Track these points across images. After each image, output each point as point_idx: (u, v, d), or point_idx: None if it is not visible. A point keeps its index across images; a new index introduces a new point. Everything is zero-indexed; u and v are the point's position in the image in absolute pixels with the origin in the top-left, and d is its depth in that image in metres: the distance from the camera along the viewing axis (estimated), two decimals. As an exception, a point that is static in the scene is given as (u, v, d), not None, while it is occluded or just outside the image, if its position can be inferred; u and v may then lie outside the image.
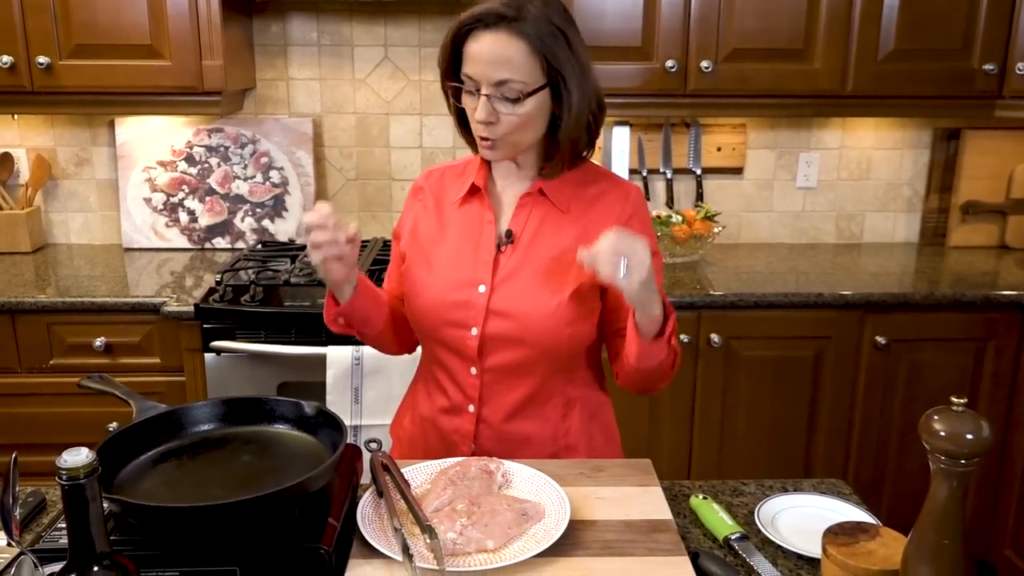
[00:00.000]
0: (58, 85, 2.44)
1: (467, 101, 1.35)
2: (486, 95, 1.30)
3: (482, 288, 1.39)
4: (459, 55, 1.33)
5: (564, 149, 1.37)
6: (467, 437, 1.45)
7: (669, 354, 1.36)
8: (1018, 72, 2.49)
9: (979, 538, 2.59)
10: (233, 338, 2.25)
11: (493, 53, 1.28)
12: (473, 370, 1.42)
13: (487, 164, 1.46)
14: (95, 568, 0.82)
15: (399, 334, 1.56)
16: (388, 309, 1.50)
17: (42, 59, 2.40)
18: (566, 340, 1.39)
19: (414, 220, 1.50)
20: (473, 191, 1.45)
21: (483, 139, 1.35)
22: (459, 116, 1.42)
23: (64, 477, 0.79)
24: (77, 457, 0.80)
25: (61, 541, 1.06)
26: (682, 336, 2.38)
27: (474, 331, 1.39)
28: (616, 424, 1.59)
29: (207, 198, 2.84)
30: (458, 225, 1.45)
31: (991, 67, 2.50)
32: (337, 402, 2.18)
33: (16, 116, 2.81)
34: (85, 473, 0.79)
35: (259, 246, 2.77)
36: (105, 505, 1.02)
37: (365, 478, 1.31)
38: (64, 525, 0.85)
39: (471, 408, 1.44)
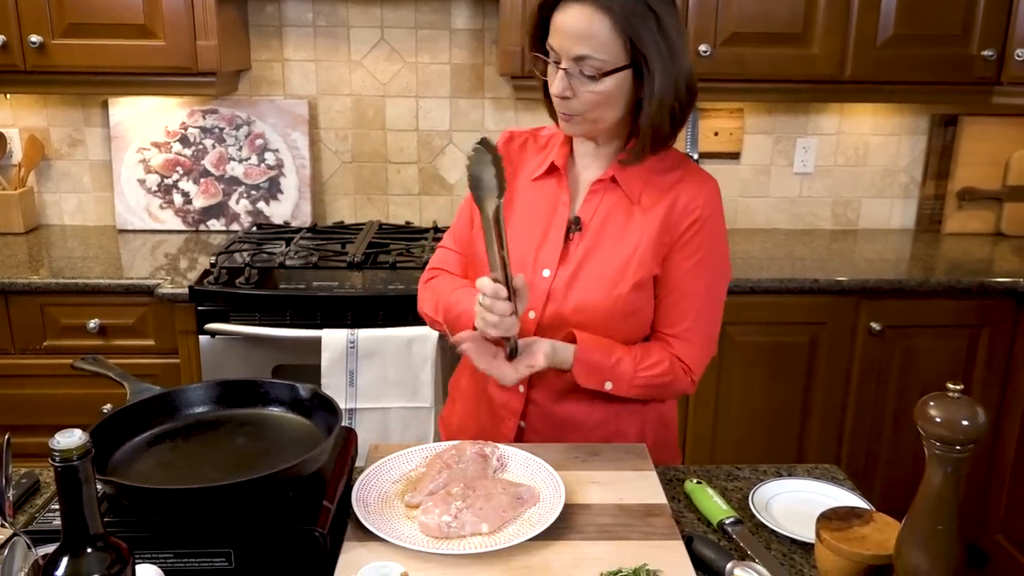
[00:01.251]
0: (51, 64, 2.42)
1: (549, 72, 1.32)
2: (564, 69, 1.27)
3: (546, 272, 1.38)
4: (547, 25, 1.29)
5: (644, 134, 1.31)
6: (515, 413, 1.44)
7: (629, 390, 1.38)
8: (1017, 58, 2.48)
9: (970, 523, 2.61)
10: (228, 320, 2.24)
11: (576, 27, 1.24)
12: None
13: (569, 142, 1.43)
14: (88, 550, 0.82)
15: None
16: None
17: (35, 38, 2.38)
18: (622, 332, 1.38)
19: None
20: (551, 170, 1.42)
21: (562, 112, 1.32)
22: (546, 86, 1.36)
23: (57, 459, 0.78)
24: (70, 439, 0.79)
25: (55, 523, 1.06)
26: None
27: (532, 314, 1.38)
28: (676, 414, 1.56)
29: (202, 180, 2.83)
30: (532, 202, 1.41)
31: (990, 53, 2.50)
32: (332, 385, 2.18)
33: (8, 96, 2.78)
34: (78, 455, 0.79)
35: (254, 228, 2.76)
36: (99, 487, 1.02)
37: (360, 461, 1.32)
38: (57, 507, 0.84)
39: (521, 388, 1.43)
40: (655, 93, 1.27)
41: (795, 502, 1.29)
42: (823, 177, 2.95)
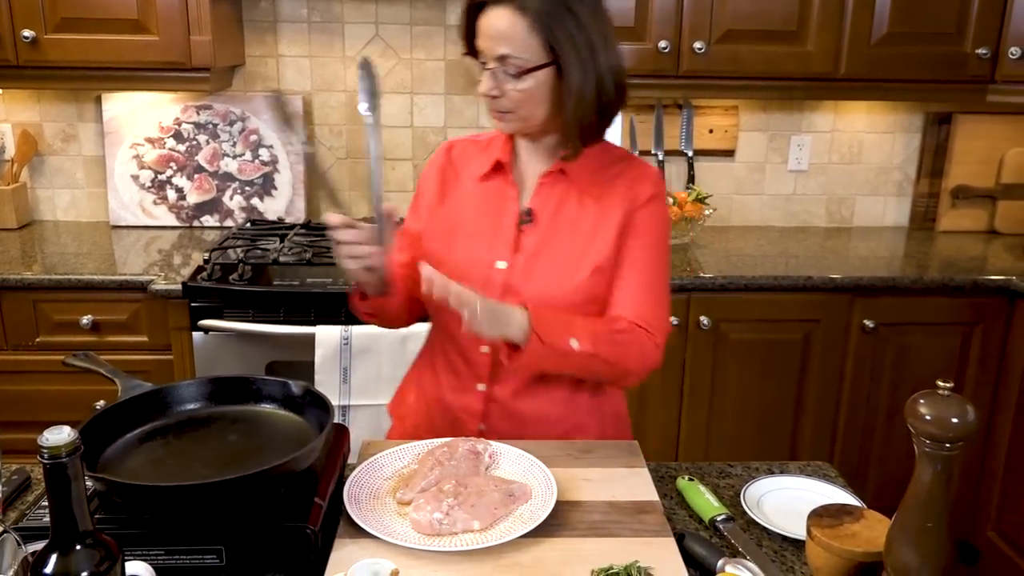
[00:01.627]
0: (44, 59, 2.41)
1: (481, 73, 1.36)
2: (490, 69, 1.32)
3: (500, 265, 1.39)
4: (475, 28, 1.35)
5: (570, 129, 1.35)
6: (475, 416, 1.44)
7: (572, 354, 1.33)
8: (1011, 57, 2.49)
9: (963, 520, 2.62)
10: (221, 317, 2.24)
11: (496, 28, 1.30)
12: (485, 348, 1.41)
13: (512, 140, 1.45)
14: (77, 547, 0.82)
15: (410, 310, 1.52)
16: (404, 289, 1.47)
17: (27, 33, 2.37)
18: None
19: (435, 193, 1.48)
20: (497, 167, 1.44)
21: (493, 111, 1.36)
22: None
23: (46, 456, 0.78)
24: (59, 436, 0.79)
25: (45, 519, 1.06)
26: (671, 318, 2.38)
27: None
28: (627, 407, 1.58)
29: (195, 176, 2.82)
30: (480, 200, 1.44)
31: (984, 51, 2.50)
32: (325, 382, 2.18)
33: (1, 91, 2.77)
34: (67, 452, 0.79)
35: (248, 224, 2.76)
36: (89, 483, 1.02)
37: (352, 458, 1.32)
38: (47, 503, 0.84)
39: (481, 387, 1.44)
40: (573, 90, 1.31)
41: (787, 499, 1.29)
42: (817, 175, 2.96)
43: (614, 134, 2.83)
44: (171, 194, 2.82)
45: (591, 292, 1.38)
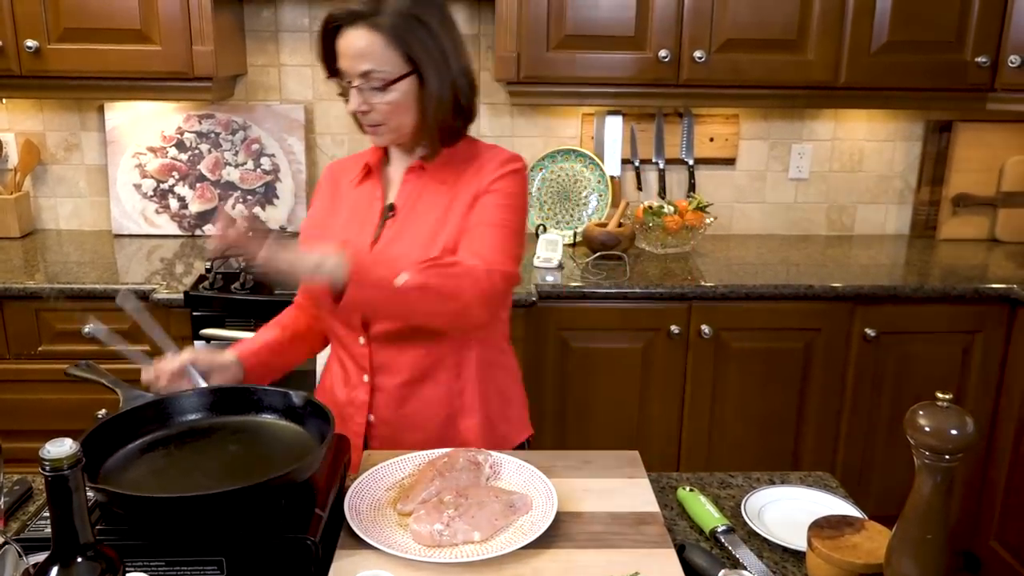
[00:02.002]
0: (47, 69, 2.42)
1: (348, 94, 1.43)
2: (356, 87, 1.40)
3: None
4: (333, 51, 1.42)
5: (432, 131, 1.44)
6: (362, 408, 1.50)
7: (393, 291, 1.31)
8: (1010, 65, 2.49)
9: (965, 529, 2.61)
10: (223, 326, 2.24)
11: (355, 47, 1.38)
12: (361, 340, 1.47)
13: (384, 147, 1.55)
14: (78, 559, 0.82)
15: (310, 344, 1.62)
16: (285, 342, 1.56)
17: (30, 43, 2.38)
18: None
19: (313, 211, 1.60)
20: (367, 171, 1.54)
21: (367, 126, 1.44)
22: None
23: (47, 468, 0.78)
24: (60, 448, 0.79)
25: (46, 531, 1.06)
26: (672, 327, 2.39)
27: None
28: (521, 384, 1.63)
29: (197, 184, 2.83)
30: (352, 204, 1.54)
31: (983, 60, 2.50)
32: (327, 391, 2.18)
33: (4, 100, 2.78)
34: (68, 464, 0.79)
35: (250, 233, 2.76)
36: (91, 494, 1.02)
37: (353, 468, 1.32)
38: (49, 515, 0.84)
39: (365, 378, 1.49)
40: (433, 94, 1.40)
41: (788, 510, 1.29)
42: (818, 183, 2.96)
43: (614, 142, 2.84)
44: (173, 203, 2.83)
45: None
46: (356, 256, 1.29)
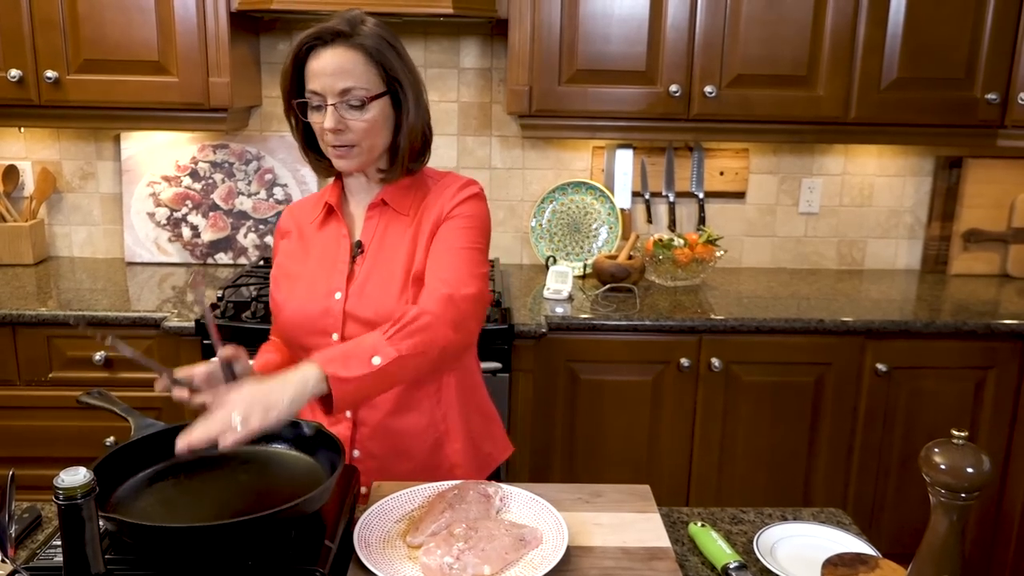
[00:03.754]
0: (65, 99, 2.46)
1: (314, 116, 1.44)
2: (332, 104, 1.39)
3: (338, 295, 1.47)
4: (301, 76, 1.43)
5: (403, 152, 1.47)
6: (345, 442, 1.49)
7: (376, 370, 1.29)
8: (1020, 102, 2.50)
9: (979, 568, 2.57)
10: (233, 354, 2.24)
11: (334, 65, 1.39)
12: None
13: (339, 185, 1.56)
14: (89, 589, 0.82)
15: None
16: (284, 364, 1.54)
17: (50, 73, 2.42)
18: None
19: (281, 259, 1.59)
20: (329, 212, 1.54)
21: (335, 148, 1.43)
22: (304, 137, 1.51)
23: (61, 497, 0.79)
24: (75, 477, 0.79)
25: (56, 559, 1.06)
26: (682, 360, 2.38)
27: (335, 336, 1.46)
28: (492, 402, 1.66)
29: (210, 213, 2.85)
30: (318, 245, 1.54)
31: (993, 96, 2.52)
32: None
33: (22, 129, 2.82)
34: (82, 493, 0.79)
35: (261, 262, 2.78)
36: (101, 523, 1.02)
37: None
38: (59, 543, 0.84)
39: (347, 414, 1.49)
40: (410, 112, 1.45)
41: (801, 547, 1.28)
42: (828, 217, 2.96)
43: (625, 175, 2.86)
44: (186, 231, 2.85)
45: (416, 299, 1.43)
46: (323, 359, 1.25)
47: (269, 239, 2.85)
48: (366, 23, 1.42)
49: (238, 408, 1.13)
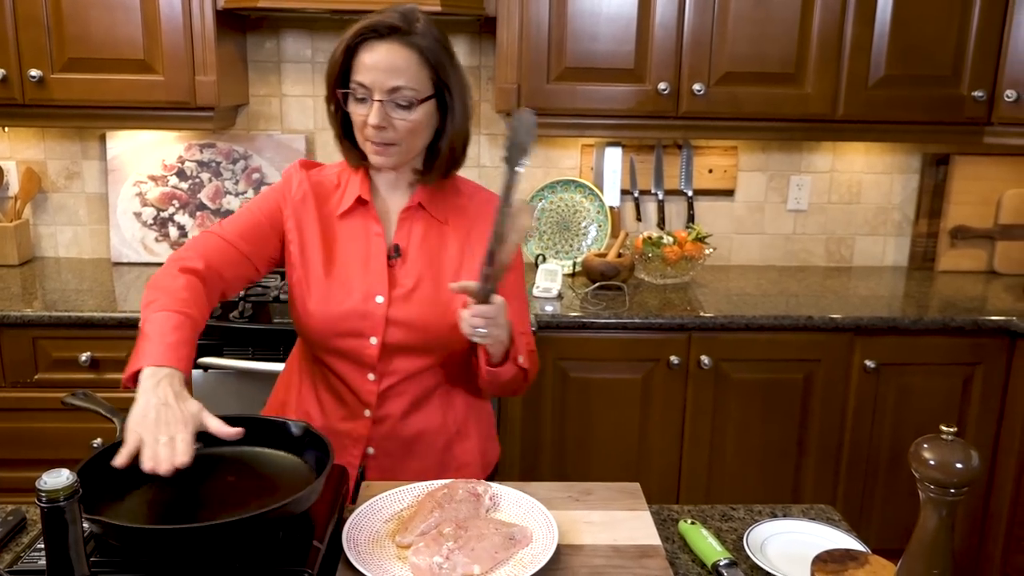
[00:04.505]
0: (50, 98, 2.43)
1: (357, 108, 1.40)
2: (379, 101, 1.36)
3: (380, 299, 1.44)
4: (349, 65, 1.40)
5: (443, 156, 1.45)
6: (360, 440, 1.49)
7: (519, 372, 1.46)
8: (1007, 99, 2.51)
9: (967, 564, 2.59)
10: (221, 355, 2.23)
11: (387, 61, 1.36)
12: (371, 376, 1.47)
13: (368, 177, 1.50)
14: (73, 592, 0.81)
15: (211, 301, 1.42)
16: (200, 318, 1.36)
17: (34, 72, 2.40)
18: (455, 343, 1.45)
19: (297, 225, 1.47)
20: (358, 203, 1.48)
21: (376, 144, 1.40)
22: (342, 126, 1.46)
23: (44, 499, 0.78)
24: (57, 479, 0.78)
25: (40, 562, 1.05)
26: (672, 357, 2.38)
27: (373, 340, 1.45)
28: (490, 402, 1.68)
29: (197, 213, 2.83)
30: (344, 238, 1.48)
31: (980, 94, 2.53)
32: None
33: (6, 128, 2.80)
34: (65, 495, 0.78)
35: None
36: (85, 525, 1.00)
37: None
38: (43, 546, 0.83)
39: (367, 412, 1.49)
40: (456, 117, 1.43)
41: (790, 544, 1.28)
42: (817, 214, 2.97)
43: (614, 173, 2.86)
44: (173, 231, 2.83)
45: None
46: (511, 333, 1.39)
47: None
48: (420, 20, 1.38)
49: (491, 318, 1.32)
